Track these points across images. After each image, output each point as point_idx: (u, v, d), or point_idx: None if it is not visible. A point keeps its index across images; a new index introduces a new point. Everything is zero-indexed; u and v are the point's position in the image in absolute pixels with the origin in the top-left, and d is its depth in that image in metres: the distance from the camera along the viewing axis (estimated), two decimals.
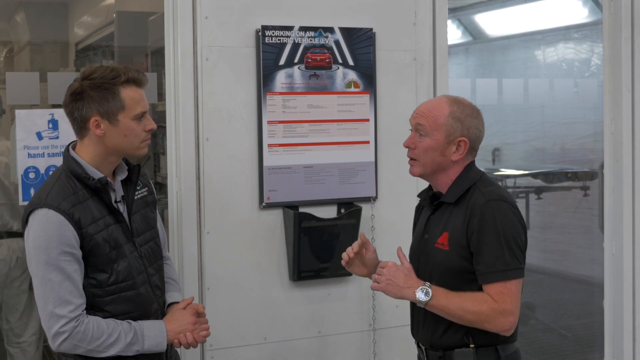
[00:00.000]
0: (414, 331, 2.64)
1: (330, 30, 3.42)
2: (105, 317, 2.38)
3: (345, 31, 3.45)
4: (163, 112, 3.39)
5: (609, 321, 4.07)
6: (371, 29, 3.50)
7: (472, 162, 2.55)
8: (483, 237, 2.39)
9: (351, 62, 3.46)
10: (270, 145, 3.34)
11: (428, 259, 2.53)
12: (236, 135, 3.31)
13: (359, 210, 3.46)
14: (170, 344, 2.51)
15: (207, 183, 3.27)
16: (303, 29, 3.38)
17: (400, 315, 3.36)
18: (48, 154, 3.18)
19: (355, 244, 2.61)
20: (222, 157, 3.29)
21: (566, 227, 7.50)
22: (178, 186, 3.26)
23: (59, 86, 2.93)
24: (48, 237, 2.30)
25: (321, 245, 3.38)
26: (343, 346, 3.53)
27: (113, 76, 2.37)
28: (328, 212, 3.44)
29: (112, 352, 2.37)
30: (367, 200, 3.52)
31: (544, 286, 6.79)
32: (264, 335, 3.40)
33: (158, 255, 2.61)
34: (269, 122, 3.34)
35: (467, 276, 2.43)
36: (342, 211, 3.46)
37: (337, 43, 3.44)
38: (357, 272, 2.68)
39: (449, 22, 3.86)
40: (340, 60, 3.44)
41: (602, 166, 4.15)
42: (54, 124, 3.18)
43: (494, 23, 8.04)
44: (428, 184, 2.63)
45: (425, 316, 2.52)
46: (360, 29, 3.48)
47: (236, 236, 3.33)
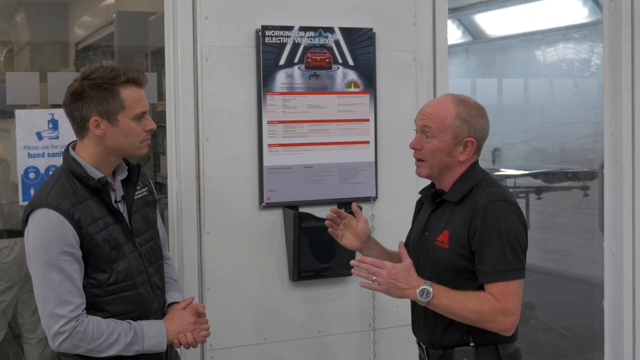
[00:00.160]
0: (415, 330, 2.64)
1: (330, 30, 3.42)
2: (105, 317, 2.38)
3: (345, 31, 3.45)
4: (163, 112, 3.38)
5: (609, 321, 4.07)
6: (371, 29, 3.50)
7: (476, 162, 2.55)
8: (485, 237, 2.39)
9: (351, 62, 3.46)
10: (270, 145, 3.34)
11: (427, 257, 2.53)
12: (236, 135, 3.31)
13: None
14: (170, 344, 2.51)
15: (207, 183, 3.27)
16: (303, 29, 3.38)
17: (400, 315, 3.36)
18: (48, 154, 3.18)
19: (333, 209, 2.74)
20: (222, 157, 3.29)
21: (566, 227, 7.51)
22: (178, 186, 3.26)
23: (59, 86, 2.93)
24: (48, 237, 2.30)
25: (321, 245, 3.38)
26: (343, 346, 3.53)
27: (113, 76, 2.37)
28: (328, 212, 3.43)
29: (112, 352, 2.37)
30: (367, 200, 3.52)
31: (544, 286, 6.79)
32: (264, 335, 3.40)
33: (158, 255, 2.61)
34: (269, 122, 3.34)
35: (466, 275, 2.43)
36: None
37: (337, 43, 3.44)
38: (350, 245, 2.69)
39: (449, 22, 3.86)
40: (340, 60, 3.44)
41: (602, 166, 4.15)
42: (54, 124, 3.18)
43: (494, 23, 8.04)
44: (430, 181, 2.63)
45: (425, 315, 2.52)
46: (360, 29, 3.48)
47: (236, 236, 3.33)
